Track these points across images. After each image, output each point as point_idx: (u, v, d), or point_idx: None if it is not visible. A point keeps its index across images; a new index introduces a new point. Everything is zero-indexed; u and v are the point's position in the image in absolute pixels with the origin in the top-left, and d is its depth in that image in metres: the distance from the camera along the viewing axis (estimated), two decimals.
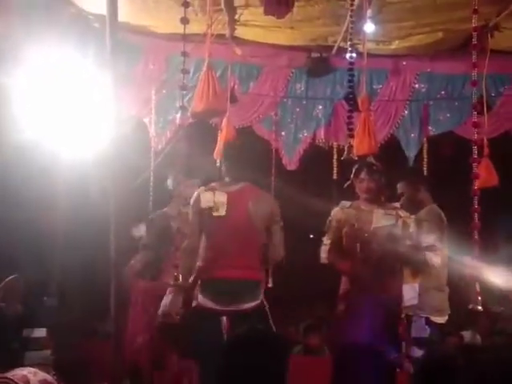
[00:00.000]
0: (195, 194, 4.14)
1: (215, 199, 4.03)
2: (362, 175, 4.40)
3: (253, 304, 3.96)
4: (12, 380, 2.24)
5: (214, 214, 4.00)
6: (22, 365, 3.68)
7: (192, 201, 4.12)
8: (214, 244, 4.02)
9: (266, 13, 4.19)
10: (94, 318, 6.15)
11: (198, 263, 4.05)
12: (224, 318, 3.98)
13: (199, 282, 4.04)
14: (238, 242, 3.99)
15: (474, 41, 4.08)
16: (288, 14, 4.21)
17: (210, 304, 3.96)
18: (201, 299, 4.00)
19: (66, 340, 5.48)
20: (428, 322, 4.24)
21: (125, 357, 4.10)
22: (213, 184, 4.16)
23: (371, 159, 4.54)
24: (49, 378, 2.41)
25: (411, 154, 6.90)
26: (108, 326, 4.18)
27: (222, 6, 5.22)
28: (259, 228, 4.06)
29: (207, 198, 4.05)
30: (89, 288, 6.23)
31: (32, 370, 2.41)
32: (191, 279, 4.06)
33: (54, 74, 5.17)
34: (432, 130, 6.92)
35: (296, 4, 4.53)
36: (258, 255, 4.06)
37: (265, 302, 4.06)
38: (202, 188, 4.15)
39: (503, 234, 7.39)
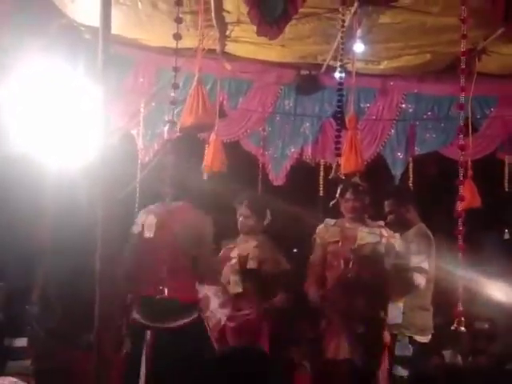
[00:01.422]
0: (137, 218, 4.30)
1: (145, 222, 4.19)
2: (348, 195, 4.46)
3: (179, 323, 4.00)
4: None
5: (142, 235, 4.15)
6: (3, 374, 3.66)
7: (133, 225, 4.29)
8: (143, 264, 4.13)
9: (259, 34, 4.24)
10: (77, 327, 6.11)
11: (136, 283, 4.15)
12: (148, 333, 4.03)
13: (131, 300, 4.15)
14: (164, 262, 4.05)
15: (463, 65, 4.14)
16: (280, 35, 4.26)
17: (138, 318, 4.07)
18: (134, 313, 4.15)
19: (48, 350, 5.44)
20: (412, 341, 4.25)
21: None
22: (150, 206, 4.28)
23: (357, 179, 4.58)
24: None
25: (397, 172, 6.97)
26: (91, 336, 4.18)
27: (214, 22, 5.27)
28: (187, 248, 4.11)
29: (139, 222, 4.25)
30: (72, 298, 6.19)
31: (13, 379, 2.41)
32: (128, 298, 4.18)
33: (43, 85, 5.17)
34: (418, 150, 7.00)
35: None
36: (188, 274, 4.12)
37: (204, 320, 4.13)
38: (141, 212, 4.27)
39: (487, 250, 7.46)
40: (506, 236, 6.74)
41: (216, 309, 4.66)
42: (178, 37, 4.40)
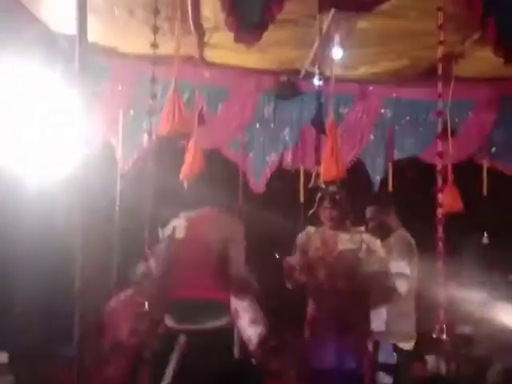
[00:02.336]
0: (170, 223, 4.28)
1: (175, 225, 4.22)
2: (325, 204, 4.46)
3: (213, 325, 3.96)
4: None
5: (172, 237, 4.18)
6: None
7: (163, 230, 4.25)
8: (176, 266, 4.09)
9: (236, 41, 4.24)
10: (56, 341, 6.04)
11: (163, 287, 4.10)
12: (182, 337, 3.98)
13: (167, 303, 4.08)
14: (196, 263, 4.07)
15: (440, 71, 4.16)
16: (258, 41, 4.26)
17: (170, 323, 4.01)
18: (166, 319, 4.04)
19: (29, 365, 5.37)
20: (395, 348, 4.24)
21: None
22: (182, 214, 4.33)
23: (334, 188, 4.58)
24: None
25: (377, 178, 6.98)
26: (71, 349, 4.11)
27: (192, 28, 5.24)
28: (218, 249, 4.12)
29: (169, 226, 4.26)
30: (51, 311, 6.13)
31: None
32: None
33: (18, 93, 5.11)
34: (397, 155, 7.01)
35: None
36: (219, 276, 4.08)
37: (234, 325, 4.10)
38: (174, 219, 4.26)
39: (466, 255, 7.50)
40: (485, 240, 6.76)
41: (246, 325, 4.56)
42: (155, 46, 4.38)
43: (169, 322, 4.05)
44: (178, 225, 4.21)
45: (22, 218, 5.88)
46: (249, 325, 4.65)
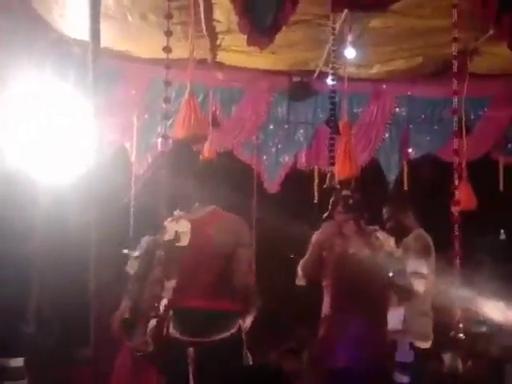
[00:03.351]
0: (164, 224, 4.04)
1: (178, 229, 3.92)
2: (339, 208, 4.44)
3: (221, 335, 3.84)
4: None
5: (177, 244, 3.89)
6: None
7: (161, 233, 4.06)
8: (180, 274, 3.90)
9: (249, 44, 4.23)
10: (73, 345, 6.07)
11: (169, 295, 3.98)
12: (190, 350, 3.87)
13: (171, 313, 3.97)
14: (203, 271, 3.85)
15: (455, 69, 4.14)
16: (270, 44, 4.25)
17: (176, 334, 3.88)
18: (170, 329, 3.89)
19: (44, 369, 5.39)
20: (412, 346, 4.21)
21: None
22: (179, 213, 4.09)
23: (347, 192, 4.55)
24: None
25: (392, 176, 6.96)
26: (87, 353, 4.13)
27: (204, 32, 5.25)
28: (225, 254, 3.90)
29: (170, 229, 3.94)
30: (67, 315, 6.16)
31: None
32: (161, 309, 4.02)
33: (34, 100, 5.14)
34: (412, 153, 6.99)
35: None
36: (227, 283, 3.89)
37: (242, 332, 3.95)
38: (169, 219, 4.07)
39: (484, 252, 7.46)
40: (502, 236, 6.72)
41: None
42: (168, 50, 4.39)
43: (175, 333, 3.89)
44: (181, 229, 3.99)
45: (38, 222, 5.92)
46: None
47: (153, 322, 4.14)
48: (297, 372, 6.10)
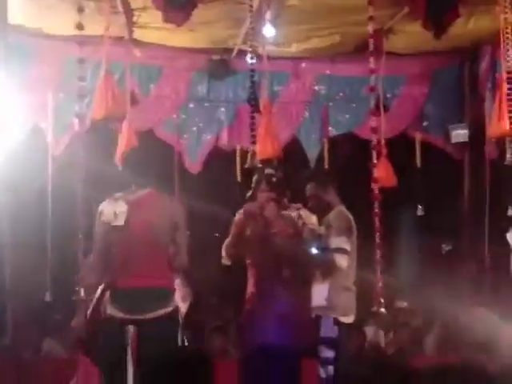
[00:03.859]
0: (99, 207, 4.04)
1: (116, 210, 3.95)
2: (262, 187, 4.44)
3: (160, 312, 3.90)
4: None
5: (113, 224, 3.92)
6: None
7: (97, 215, 4.03)
8: (118, 254, 3.94)
9: (165, 20, 4.16)
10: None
11: (106, 275, 3.98)
12: (131, 328, 3.90)
13: (108, 293, 3.96)
14: (140, 250, 3.90)
15: (371, 48, 4.18)
16: (187, 20, 4.18)
17: (116, 313, 3.89)
18: (109, 309, 3.91)
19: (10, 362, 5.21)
20: (336, 321, 4.26)
21: None
22: (117, 194, 4.06)
23: (270, 170, 4.56)
24: None
25: (312, 154, 7.01)
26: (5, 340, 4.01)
27: (120, 8, 5.12)
28: (162, 235, 3.98)
29: (108, 211, 3.97)
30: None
31: None
32: (98, 291, 3.99)
33: None
34: (332, 131, 7.06)
35: None
36: (165, 262, 4.01)
37: (179, 312, 4.01)
38: (106, 200, 4.05)
39: (402, 228, 7.64)
40: (420, 212, 6.89)
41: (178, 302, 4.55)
42: (80, 26, 4.27)
43: (116, 312, 3.91)
44: (118, 210, 4.02)
45: None
46: (181, 300, 4.59)
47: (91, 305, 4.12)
48: (224, 350, 6.12)
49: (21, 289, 3.90)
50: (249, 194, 4.56)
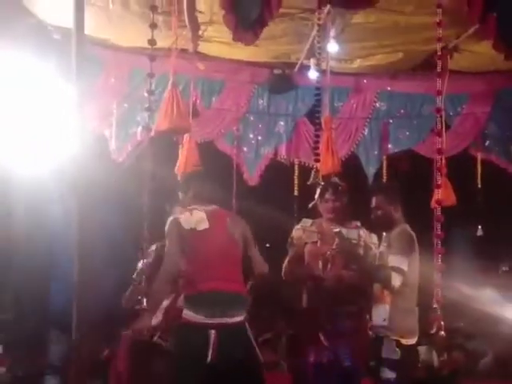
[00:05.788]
0: (170, 218, 4.08)
1: (196, 217, 4.01)
2: (328, 195, 4.43)
3: (239, 318, 3.93)
4: None
5: (198, 228, 3.98)
6: None
7: (169, 225, 4.05)
8: (199, 258, 3.96)
9: (235, 39, 4.22)
10: (52, 332, 6.02)
11: (181, 280, 4.05)
12: (212, 332, 3.90)
13: (184, 297, 4.00)
14: (221, 255, 3.97)
15: (439, 68, 4.16)
16: (256, 40, 4.24)
17: (197, 318, 3.89)
18: (187, 313, 3.91)
19: (23, 356, 5.35)
20: (398, 344, 4.19)
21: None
22: (193, 206, 4.13)
23: (336, 179, 4.56)
24: None
25: (371, 171, 6.99)
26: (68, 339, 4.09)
27: (187, 22, 5.21)
28: (239, 243, 4.06)
29: (186, 219, 4.02)
30: (45, 302, 6.12)
31: None
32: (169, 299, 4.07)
33: (13, 86, 5.07)
34: (391, 148, 7.02)
35: None
36: (241, 269, 4.05)
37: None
38: (182, 211, 4.11)
39: (461, 248, 7.52)
40: (479, 233, 6.78)
41: None
42: (152, 42, 4.36)
43: (197, 316, 3.93)
44: (199, 216, 3.99)
45: (16, 212, 5.86)
46: None
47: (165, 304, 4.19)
48: (275, 363, 6.13)
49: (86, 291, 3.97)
50: (311, 203, 4.56)
